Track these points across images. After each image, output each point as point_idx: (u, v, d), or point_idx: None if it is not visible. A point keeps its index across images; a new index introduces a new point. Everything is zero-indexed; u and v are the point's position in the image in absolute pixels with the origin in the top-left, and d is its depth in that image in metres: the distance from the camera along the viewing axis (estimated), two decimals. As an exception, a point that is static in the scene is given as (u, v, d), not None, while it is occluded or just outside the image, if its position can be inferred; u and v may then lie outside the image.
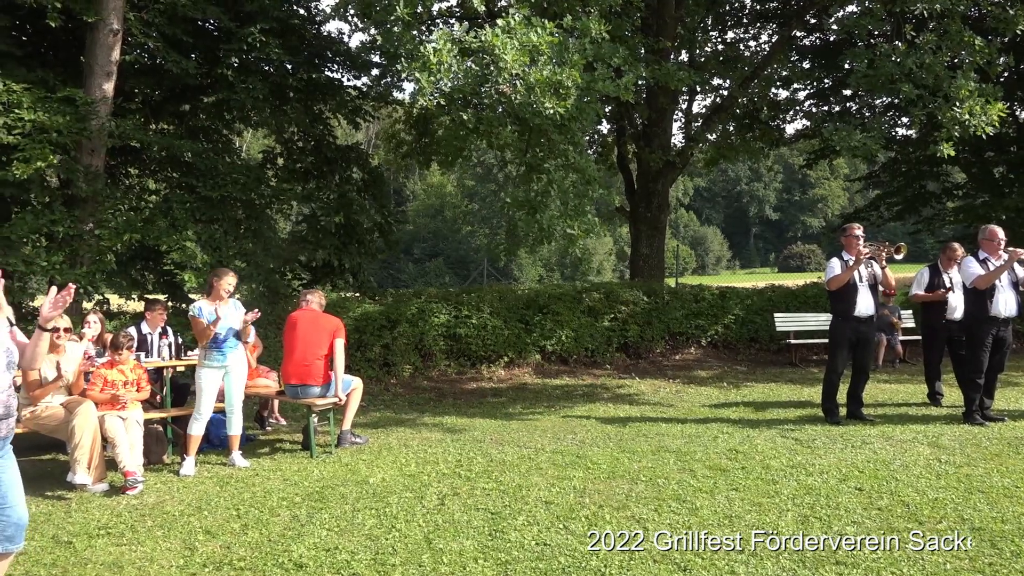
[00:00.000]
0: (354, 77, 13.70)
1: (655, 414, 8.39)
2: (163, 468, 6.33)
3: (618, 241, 63.19)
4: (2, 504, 3.10)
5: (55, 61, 10.70)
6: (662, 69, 10.92)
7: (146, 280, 11.52)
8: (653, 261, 15.10)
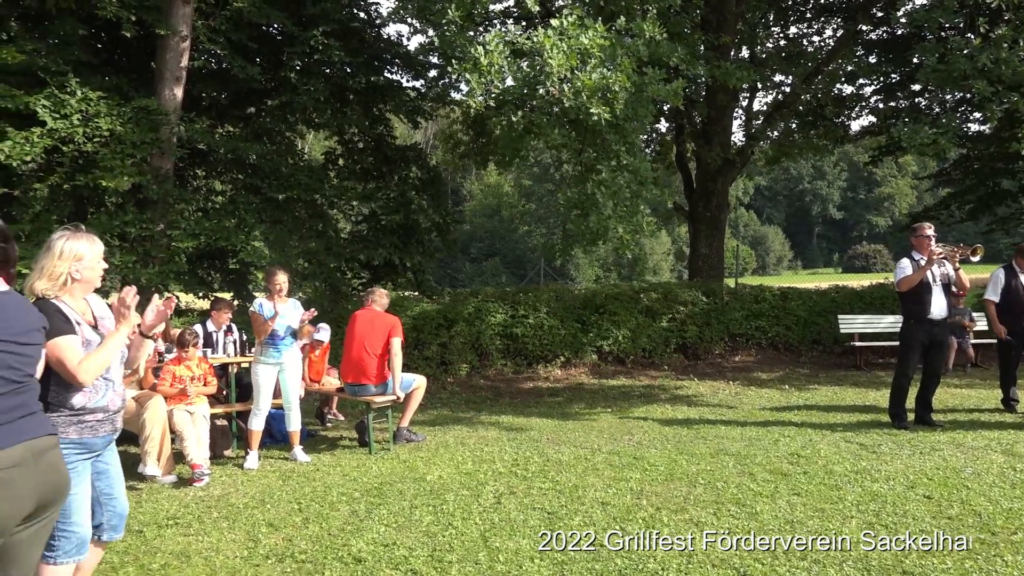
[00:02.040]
0: (412, 78, 13.87)
1: (714, 416, 8.27)
2: (228, 462, 6.51)
3: (676, 241, 62.45)
4: (109, 495, 3.22)
5: (128, 68, 11.10)
6: (721, 67, 10.75)
7: (212, 279, 11.86)
8: (712, 261, 14.88)
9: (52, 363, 2.91)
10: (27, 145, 8.54)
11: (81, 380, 2.93)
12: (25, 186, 9.30)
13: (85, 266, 3.06)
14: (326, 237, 11.77)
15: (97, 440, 3.09)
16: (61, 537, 2.99)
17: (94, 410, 3.06)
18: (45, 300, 3.01)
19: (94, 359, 2.96)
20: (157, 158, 9.83)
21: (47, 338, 2.87)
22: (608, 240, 8.63)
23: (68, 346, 2.93)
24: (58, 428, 2.92)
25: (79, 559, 3.06)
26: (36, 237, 8.88)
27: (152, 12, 9.59)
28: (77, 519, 3.03)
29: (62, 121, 8.78)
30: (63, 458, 2.70)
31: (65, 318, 2.97)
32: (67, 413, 3.00)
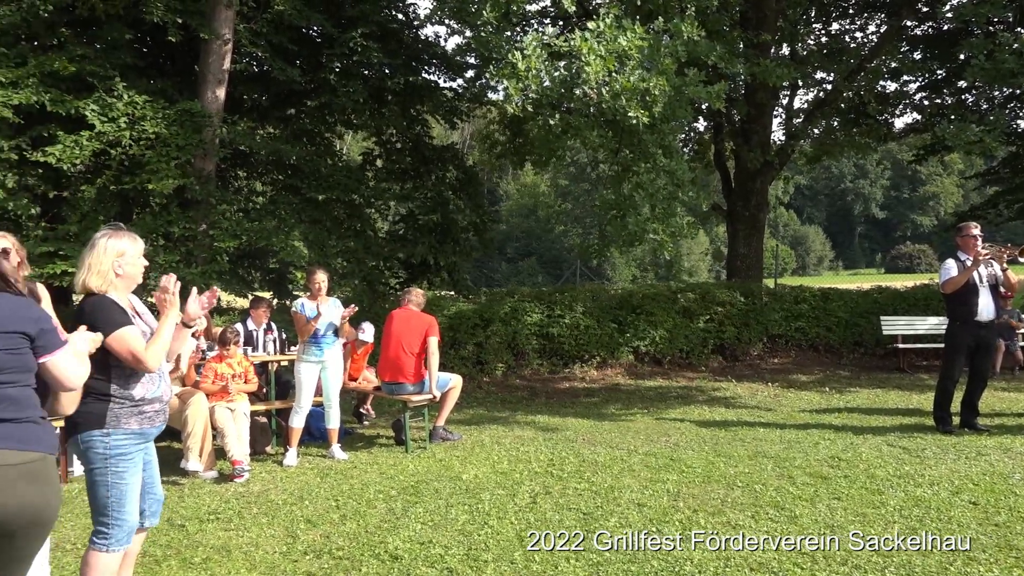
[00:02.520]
0: (450, 79, 13.96)
1: (752, 418, 8.17)
2: (267, 458, 6.62)
3: (714, 241, 61.81)
4: (151, 483, 3.34)
5: (172, 71, 11.34)
6: (761, 65, 10.61)
7: (253, 278, 12.06)
8: (751, 261, 14.69)
9: (120, 354, 3.05)
10: (76, 148, 8.77)
11: (149, 366, 3.08)
12: (74, 188, 9.56)
13: (127, 262, 3.18)
14: (364, 236, 11.90)
15: (153, 430, 3.22)
16: (114, 526, 3.10)
17: (152, 400, 3.19)
18: (101, 295, 3.13)
19: (156, 345, 3.12)
20: (200, 160, 10.03)
21: (109, 331, 3.02)
22: (645, 242, 8.58)
23: (133, 336, 3.07)
24: (120, 420, 3.07)
25: (127, 547, 3.18)
26: (83, 236, 9.10)
27: (196, 16, 9.79)
28: (130, 508, 3.14)
29: (109, 124, 9.00)
30: (49, 480, 2.52)
31: (122, 310, 3.12)
32: (128, 404, 3.11)
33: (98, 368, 3.06)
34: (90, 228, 9.04)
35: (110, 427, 3.07)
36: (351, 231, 11.84)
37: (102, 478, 3.09)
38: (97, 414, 3.07)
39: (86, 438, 3.07)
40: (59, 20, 9.53)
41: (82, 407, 3.06)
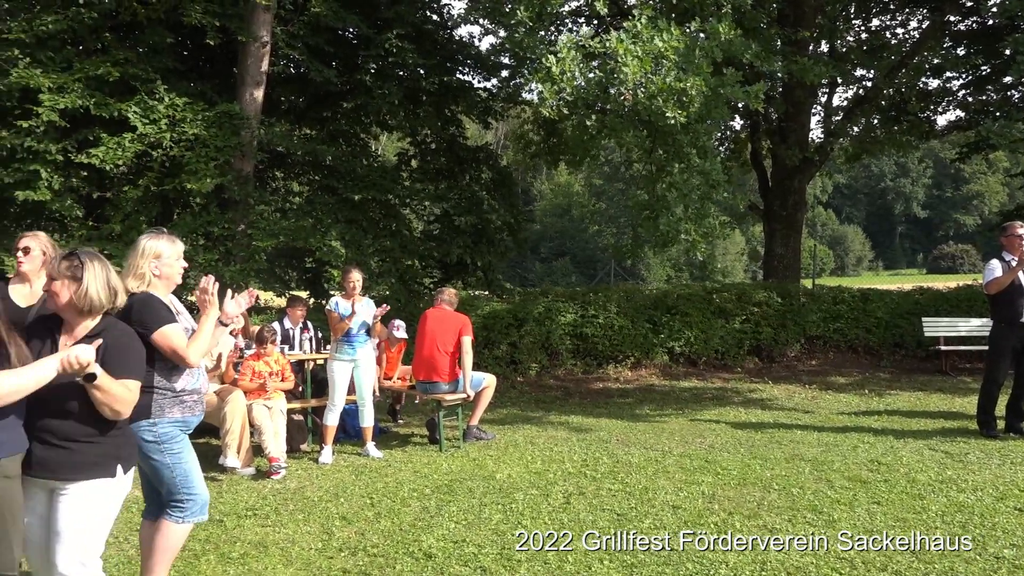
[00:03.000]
0: (484, 79, 13.99)
1: (789, 420, 8.06)
2: (303, 456, 6.69)
3: (750, 241, 61.09)
4: (187, 482, 3.48)
5: (211, 74, 11.53)
6: (799, 63, 10.46)
7: (290, 277, 12.21)
8: (788, 261, 14.51)
9: (164, 350, 3.23)
10: (119, 150, 8.97)
11: (191, 362, 3.28)
12: (116, 189, 9.77)
13: (164, 263, 3.37)
14: (400, 236, 11.98)
15: (193, 418, 3.42)
16: (188, 500, 3.38)
17: (192, 392, 3.39)
18: (148, 294, 3.31)
19: (197, 343, 3.31)
20: (238, 160, 10.19)
21: (153, 328, 3.18)
22: (678, 243, 8.52)
23: (177, 333, 3.26)
24: (164, 410, 3.28)
25: (201, 519, 3.47)
26: (127, 237, 9.32)
27: (235, 20, 9.95)
28: (196, 483, 3.40)
29: (151, 126, 9.18)
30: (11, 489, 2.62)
31: (167, 308, 3.30)
32: (171, 395, 3.32)
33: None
34: (133, 228, 9.25)
35: (156, 417, 3.28)
36: (387, 231, 11.94)
37: (162, 463, 3.31)
38: (144, 405, 3.19)
39: (135, 428, 3.22)
40: (102, 25, 9.75)
41: None
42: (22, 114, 8.91)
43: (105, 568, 3.99)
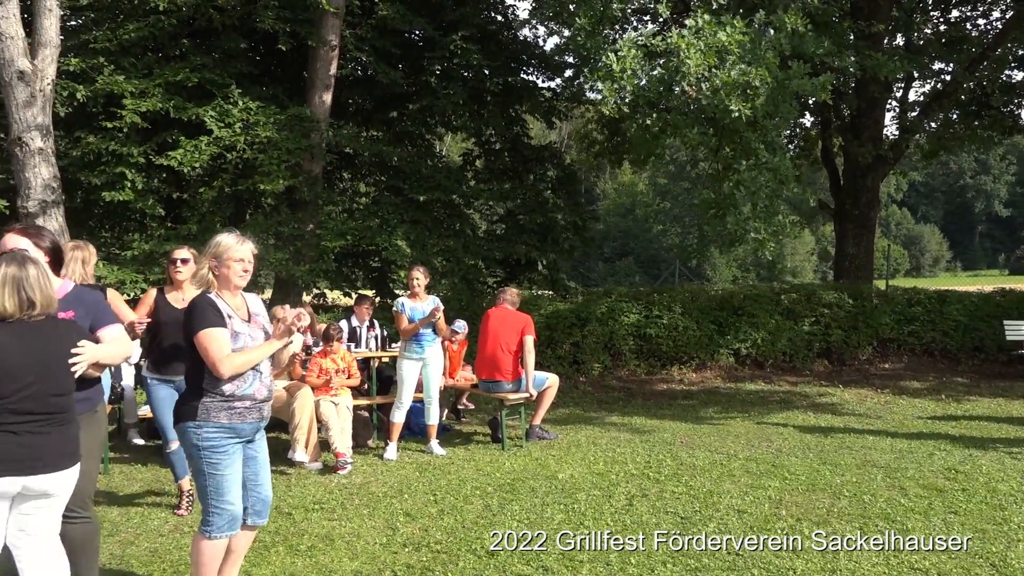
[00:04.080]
0: (548, 79, 13.99)
1: (860, 425, 7.83)
2: (368, 452, 6.81)
3: (820, 240, 59.50)
4: (256, 481, 3.45)
5: (283, 78, 11.84)
6: (872, 58, 10.14)
7: (356, 276, 12.44)
8: (860, 262, 14.09)
9: (199, 351, 3.21)
10: (196, 153, 9.29)
11: (220, 371, 3.18)
12: (193, 190, 10.12)
13: (223, 264, 3.34)
14: (463, 236, 12.08)
15: (244, 426, 3.31)
16: (215, 513, 3.25)
17: (242, 397, 3.28)
18: (201, 295, 3.32)
19: (240, 359, 3.23)
20: (308, 162, 10.43)
21: (196, 330, 3.20)
22: (746, 242, 8.36)
23: (216, 338, 3.19)
24: (211, 413, 3.22)
25: (231, 535, 3.31)
26: (202, 236, 9.62)
27: (305, 24, 10.19)
28: (230, 497, 3.27)
29: (226, 130, 9.48)
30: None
31: (217, 311, 3.25)
32: (219, 399, 3.25)
33: (195, 363, 3.26)
34: (208, 228, 9.55)
35: (201, 419, 3.22)
36: (450, 231, 12.06)
37: (200, 467, 3.26)
38: (191, 407, 3.25)
39: (182, 428, 3.28)
40: (181, 32, 10.12)
41: (181, 399, 3.32)
42: (107, 118, 9.32)
43: (179, 555, 4.15)
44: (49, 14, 8.03)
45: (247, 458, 3.39)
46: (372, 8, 11.06)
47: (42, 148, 8.03)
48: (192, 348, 3.24)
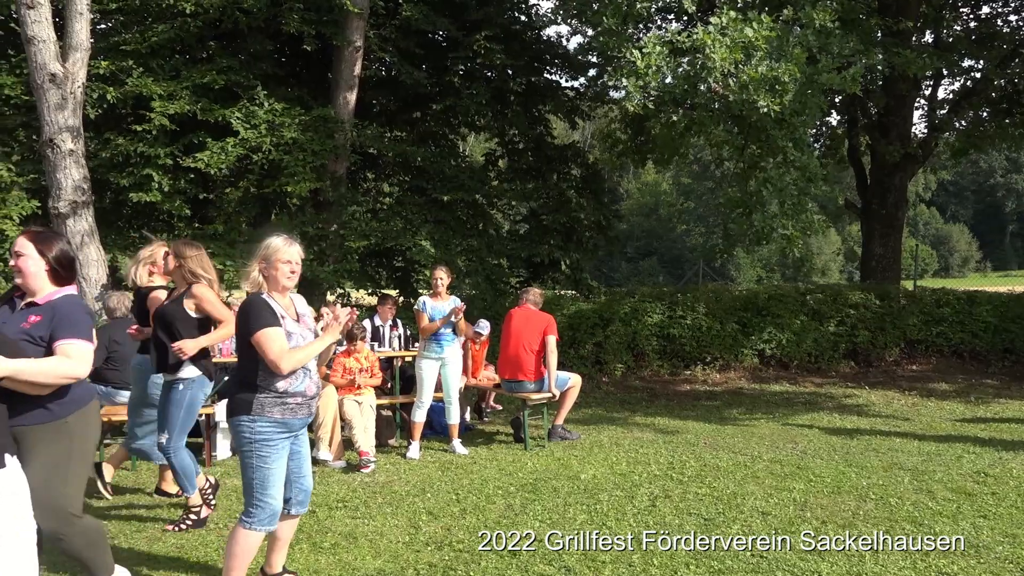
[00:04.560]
0: (571, 78, 13.96)
1: (887, 427, 7.74)
2: (391, 450, 6.85)
3: (847, 240, 58.85)
4: (299, 474, 3.59)
5: (307, 79, 11.93)
6: (900, 55, 10.00)
7: (380, 276, 12.50)
8: (887, 262, 13.92)
9: (259, 351, 3.31)
10: (222, 154, 9.39)
11: (281, 368, 3.31)
12: (219, 190, 10.24)
13: (272, 266, 3.44)
14: (486, 236, 12.10)
15: (295, 421, 3.44)
16: (258, 507, 3.37)
17: (294, 394, 3.41)
18: (256, 295, 3.42)
19: (298, 355, 3.35)
20: (332, 163, 10.51)
21: (253, 330, 3.29)
22: (773, 240, 8.29)
23: (274, 338, 3.31)
24: (265, 408, 3.34)
25: (270, 529, 3.43)
26: (228, 236, 9.75)
27: (330, 25, 10.27)
28: (273, 492, 3.39)
29: (252, 131, 9.57)
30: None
31: (272, 312, 3.37)
32: (272, 395, 3.36)
33: (249, 361, 3.37)
34: (234, 229, 9.66)
35: (255, 414, 3.34)
36: (474, 230, 12.08)
37: (249, 460, 3.37)
38: (245, 401, 3.35)
39: (235, 422, 3.38)
40: (208, 34, 10.24)
41: (235, 394, 3.41)
42: (135, 121, 9.45)
43: (205, 552, 4.20)
44: (80, 18, 8.17)
45: (292, 453, 3.53)
46: (396, 9, 11.11)
47: (73, 150, 8.16)
48: (246, 347, 3.36)
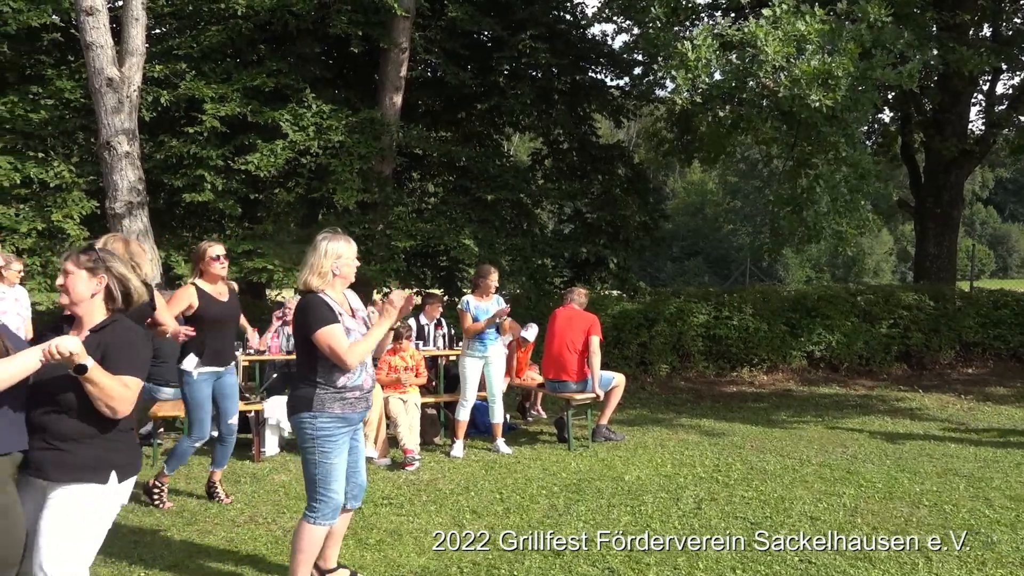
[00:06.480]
0: (616, 77, 13.89)
1: (941, 432, 7.53)
2: (435, 449, 6.89)
3: (900, 240, 57.43)
4: (354, 469, 3.65)
5: (354, 81, 12.09)
6: (956, 52, 9.72)
7: (425, 276, 12.60)
8: (942, 262, 13.55)
9: (322, 349, 3.37)
10: (272, 157, 9.57)
11: (348, 363, 3.36)
12: (268, 191, 10.43)
13: (343, 263, 3.51)
14: (531, 235, 12.10)
15: (354, 415, 3.51)
16: (321, 501, 3.43)
17: (353, 388, 3.47)
18: (313, 294, 3.47)
19: (361, 346, 3.40)
20: (378, 163, 10.63)
21: (314, 328, 3.34)
22: (824, 239, 8.13)
23: (336, 334, 3.37)
24: (325, 404, 3.40)
25: (333, 523, 3.51)
26: (276, 237, 9.92)
27: (377, 27, 10.38)
28: (336, 487, 3.45)
29: (300, 133, 9.73)
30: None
31: (330, 309, 3.42)
32: (332, 391, 3.42)
33: (308, 358, 3.43)
34: (283, 229, 9.82)
35: (316, 410, 3.40)
36: (518, 230, 12.10)
37: (311, 456, 3.44)
38: (306, 398, 3.42)
39: (296, 420, 3.45)
40: (258, 37, 10.43)
41: (295, 392, 3.47)
42: (188, 123, 9.68)
43: (254, 546, 4.28)
44: (136, 23, 8.39)
45: (349, 448, 3.58)
46: (441, 10, 11.18)
47: (128, 152, 8.39)
48: (305, 345, 3.42)
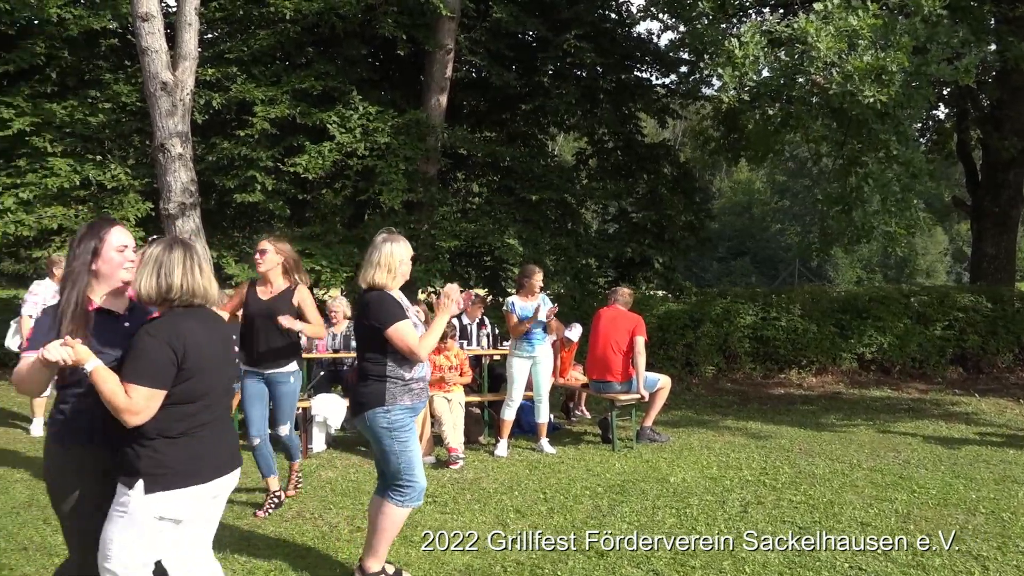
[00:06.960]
0: (662, 75, 13.78)
1: (999, 438, 7.31)
2: (479, 448, 6.92)
3: (955, 240, 55.82)
4: (409, 469, 3.74)
5: (400, 82, 12.21)
6: (1015, 47, 9.41)
7: (469, 276, 12.66)
8: (1000, 263, 13.15)
9: (396, 344, 3.52)
10: (319, 159, 9.72)
11: (421, 356, 3.55)
12: (315, 192, 10.60)
13: (405, 263, 3.69)
14: (575, 235, 12.08)
15: (419, 404, 3.68)
16: (407, 486, 3.61)
17: (418, 379, 3.65)
18: (383, 291, 3.62)
19: (429, 339, 3.59)
20: (423, 164, 10.71)
21: (388, 324, 3.48)
22: (874, 238, 7.95)
23: (409, 330, 3.54)
24: (396, 398, 3.56)
25: (417, 504, 3.70)
26: (323, 237, 10.07)
27: (422, 29, 10.47)
28: (418, 471, 3.63)
29: (347, 135, 9.86)
30: None
31: (399, 306, 3.59)
32: (401, 383, 3.58)
33: (378, 353, 3.57)
34: (330, 230, 9.96)
35: (389, 404, 3.55)
36: (563, 229, 12.08)
37: (390, 448, 3.57)
38: (377, 394, 3.56)
39: (371, 416, 3.56)
40: (306, 40, 10.60)
41: (364, 389, 3.59)
42: (239, 125, 9.89)
43: (302, 540, 4.35)
44: (189, 28, 8.60)
45: None
46: (486, 11, 11.23)
47: (181, 154, 8.60)
48: (374, 340, 3.56)
